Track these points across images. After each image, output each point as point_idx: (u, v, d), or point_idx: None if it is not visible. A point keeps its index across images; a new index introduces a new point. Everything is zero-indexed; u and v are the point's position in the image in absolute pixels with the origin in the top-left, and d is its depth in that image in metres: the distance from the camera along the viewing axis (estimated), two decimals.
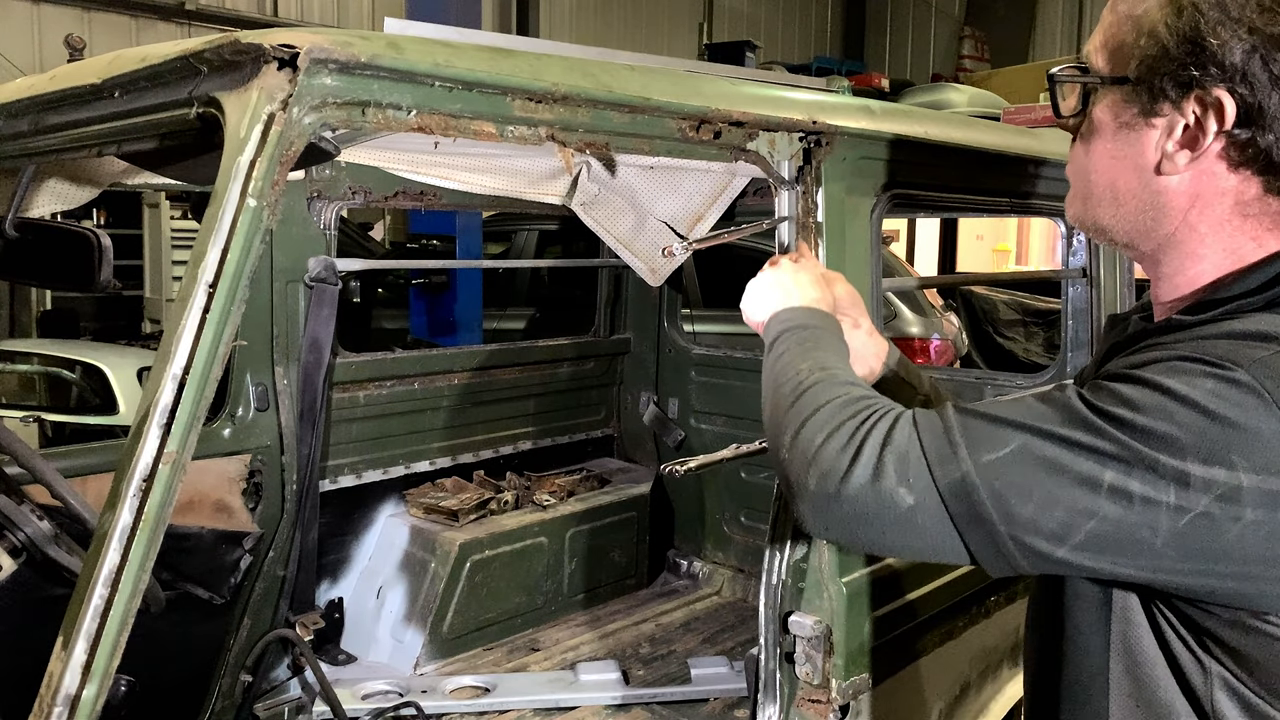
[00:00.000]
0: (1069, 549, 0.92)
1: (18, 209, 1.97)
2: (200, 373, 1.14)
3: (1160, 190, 1.02)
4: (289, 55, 1.19)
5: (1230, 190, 0.99)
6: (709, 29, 15.45)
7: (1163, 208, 1.02)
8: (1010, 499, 0.92)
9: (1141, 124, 1.01)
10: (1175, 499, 0.87)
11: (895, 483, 0.97)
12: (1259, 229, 1.00)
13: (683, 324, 4.24)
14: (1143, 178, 1.02)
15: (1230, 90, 0.94)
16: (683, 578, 4.05)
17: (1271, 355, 0.89)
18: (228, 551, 2.70)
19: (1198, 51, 0.95)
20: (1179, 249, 1.04)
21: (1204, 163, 0.98)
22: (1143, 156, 1.02)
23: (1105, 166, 1.06)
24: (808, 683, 1.77)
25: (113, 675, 1.12)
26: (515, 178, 2.77)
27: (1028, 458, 0.93)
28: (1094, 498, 0.89)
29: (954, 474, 0.95)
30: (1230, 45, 0.93)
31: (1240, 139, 0.96)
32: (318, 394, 2.99)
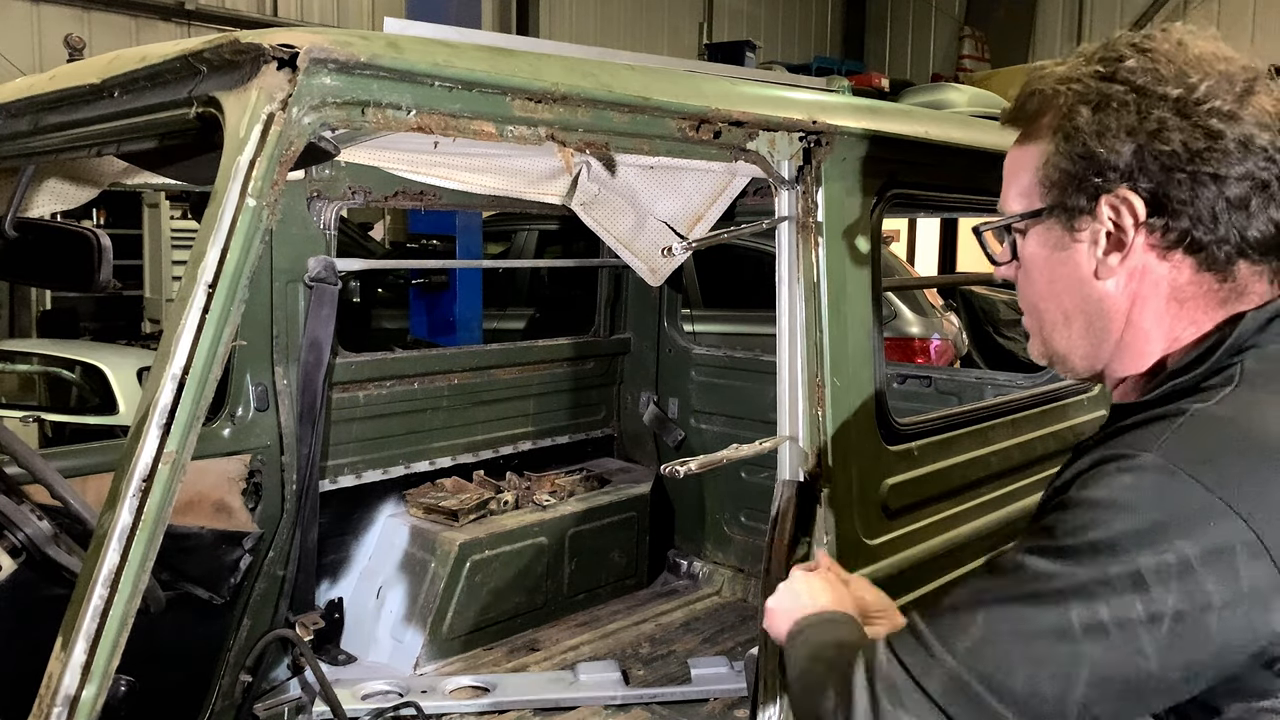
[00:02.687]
0: (1075, 706, 0.92)
1: (18, 209, 1.97)
2: (200, 373, 1.14)
3: (1101, 297, 1.08)
4: (288, 55, 1.19)
5: (1164, 279, 1.05)
6: (709, 29, 15.44)
7: (1107, 314, 1.08)
8: (1000, 678, 0.94)
9: (1069, 242, 1.08)
10: (1142, 609, 0.89)
11: (893, 712, 0.99)
12: (1195, 312, 1.05)
13: (683, 324, 4.24)
14: (1083, 290, 1.09)
15: (1132, 187, 1.02)
16: (683, 578, 4.05)
17: (1176, 429, 0.95)
18: (228, 551, 2.70)
19: (1093, 163, 1.03)
20: (1128, 350, 1.09)
21: (1135, 258, 1.05)
22: (1079, 270, 1.08)
23: (1049, 293, 1.13)
24: None
25: (112, 675, 1.12)
26: (515, 178, 2.77)
27: (998, 631, 0.95)
28: (1073, 645, 0.91)
29: (941, 678, 0.97)
30: (1117, 149, 1.02)
31: (1158, 226, 1.02)
32: (318, 394, 2.99)
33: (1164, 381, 1.04)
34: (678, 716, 3.03)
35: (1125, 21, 14.04)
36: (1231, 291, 1.05)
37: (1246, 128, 1.00)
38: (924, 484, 2.07)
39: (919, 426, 2.09)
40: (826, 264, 1.79)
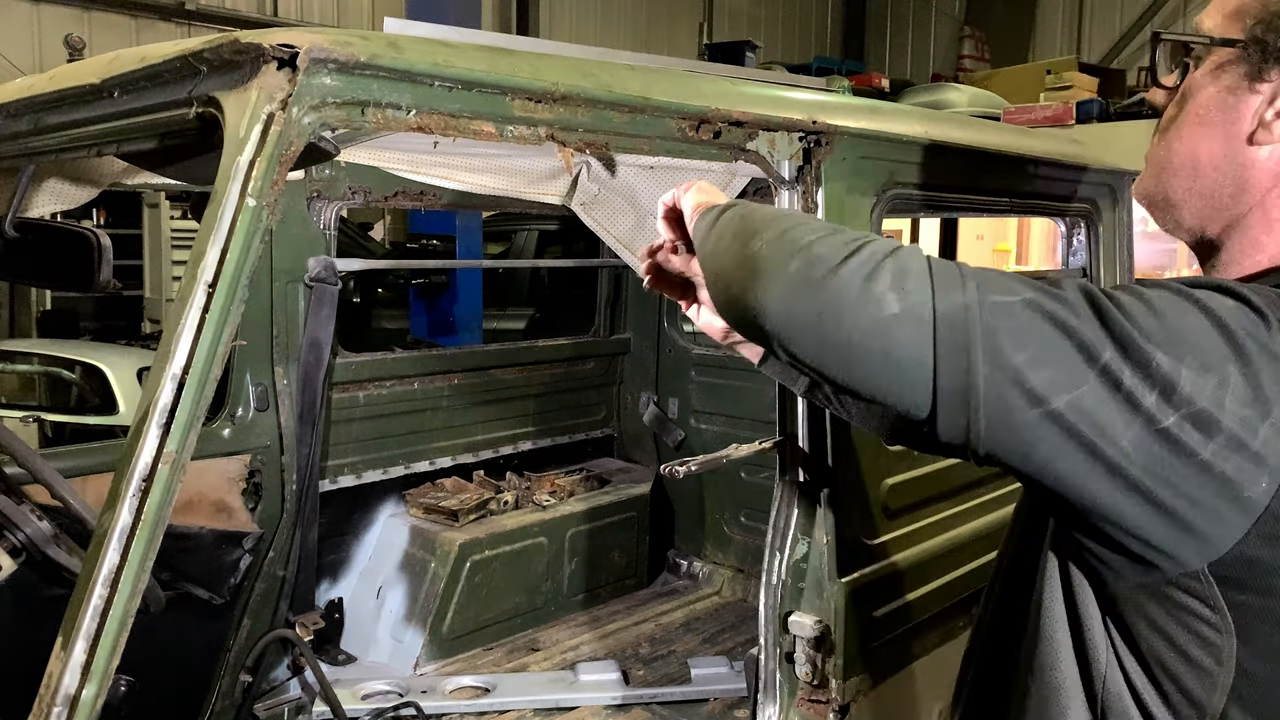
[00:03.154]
0: (1040, 413, 0.86)
1: (18, 209, 1.97)
2: (200, 373, 1.14)
3: (1246, 163, 0.98)
4: (288, 55, 1.19)
5: None
6: (709, 29, 15.44)
7: (1244, 182, 0.98)
8: (1005, 340, 0.87)
9: (1244, 89, 0.97)
10: (1154, 404, 0.84)
11: (888, 287, 0.90)
12: None
13: (683, 324, 4.24)
14: (1230, 147, 0.98)
15: None
16: (683, 578, 4.05)
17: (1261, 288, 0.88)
18: (228, 551, 2.70)
19: None
20: (1245, 234, 1.00)
21: None
22: (1237, 124, 0.98)
23: (1191, 134, 1.01)
24: (807, 683, 1.77)
25: (112, 675, 1.12)
26: (515, 178, 2.77)
27: (1035, 309, 0.87)
28: (1087, 368, 0.85)
29: (955, 300, 0.89)
30: None
31: None
32: (318, 394, 2.99)
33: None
34: (678, 716, 3.03)
35: (1125, 22, 14.04)
36: None
37: None
38: (924, 484, 2.07)
39: None
40: None
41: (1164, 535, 0.86)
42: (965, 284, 0.90)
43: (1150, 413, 0.83)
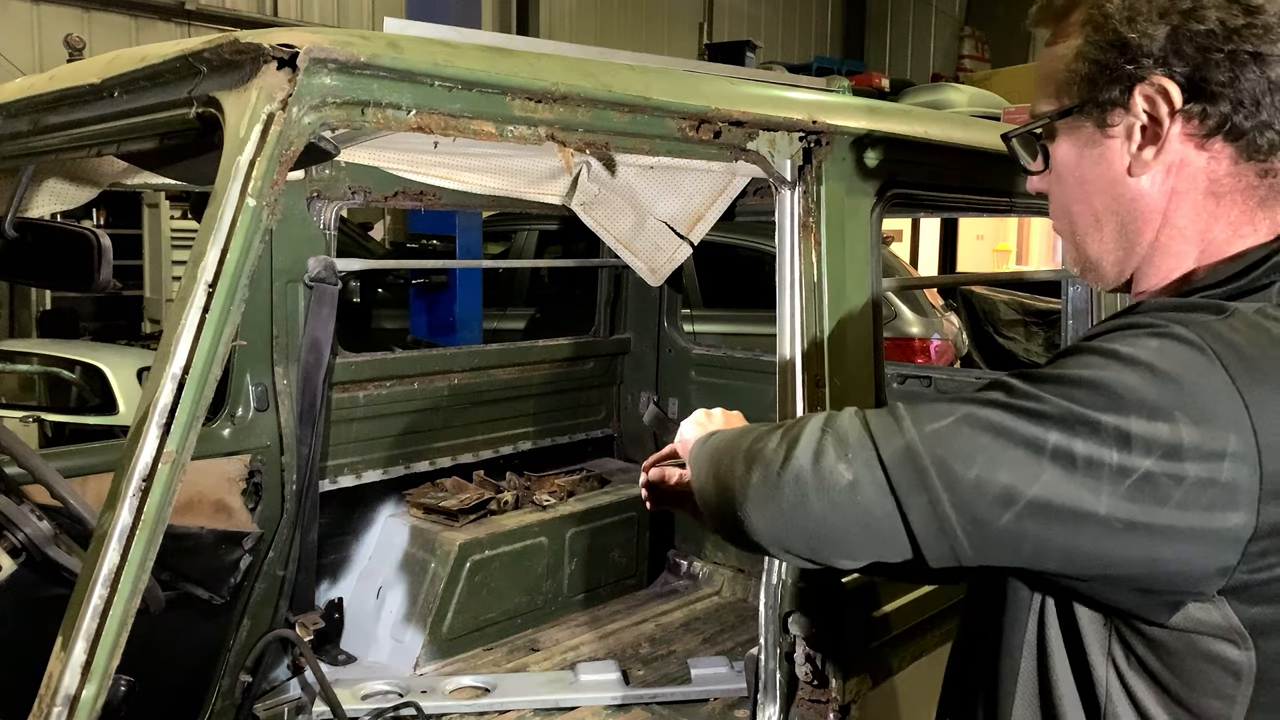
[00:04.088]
0: (1012, 516, 0.89)
1: (18, 209, 1.97)
2: (200, 373, 1.14)
3: (1135, 196, 1.02)
4: (288, 55, 1.19)
5: (1202, 171, 0.99)
6: (709, 29, 15.44)
7: (1141, 214, 1.03)
8: (954, 463, 0.91)
9: (1101, 139, 1.03)
10: (1118, 459, 0.86)
11: (835, 460, 0.96)
12: (1232, 210, 1.00)
13: (683, 324, 4.24)
14: (1115, 190, 1.03)
15: (1167, 73, 0.97)
16: (683, 578, 4.05)
17: (1218, 321, 0.90)
18: (228, 551, 2.70)
19: (1125, 50, 0.98)
20: (1161, 253, 1.04)
21: (1171, 150, 0.99)
22: (1112, 169, 1.03)
23: (1080, 195, 1.07)
24: (807, 683, 1.77)
25: (112, 675, 1.12)
26: (515, 178, 2.77)
27: (971, 423, 0.92)
28: (1037, 460, 0.88)
29: (897, 443, 0.94)
30: (1150, 34, 0.96)
31: (1195, 113, 0.97)
32: (318, 394, 2.99)
33: (1194, 293, 0.99)
34: (678, 716, 3.03)
35: None
36: (1270, 190, 1.00)
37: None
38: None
39: None
40: (826, 264, 1.79)
41: (1167, 573, 0.89)
42: (901, 425, 0.96)
43: (1115, 470, 0.86)
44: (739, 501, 1.04)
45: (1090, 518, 0.87)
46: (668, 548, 4.12)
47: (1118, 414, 0.86)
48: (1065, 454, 0.87)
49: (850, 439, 0.97)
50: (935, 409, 0.96)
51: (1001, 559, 0.94)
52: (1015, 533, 0.90)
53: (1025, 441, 0.89)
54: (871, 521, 0.95)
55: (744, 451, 1.07)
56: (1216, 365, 0.87)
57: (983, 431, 0.91)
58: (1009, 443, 0.89)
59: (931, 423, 0.94)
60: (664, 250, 3.31)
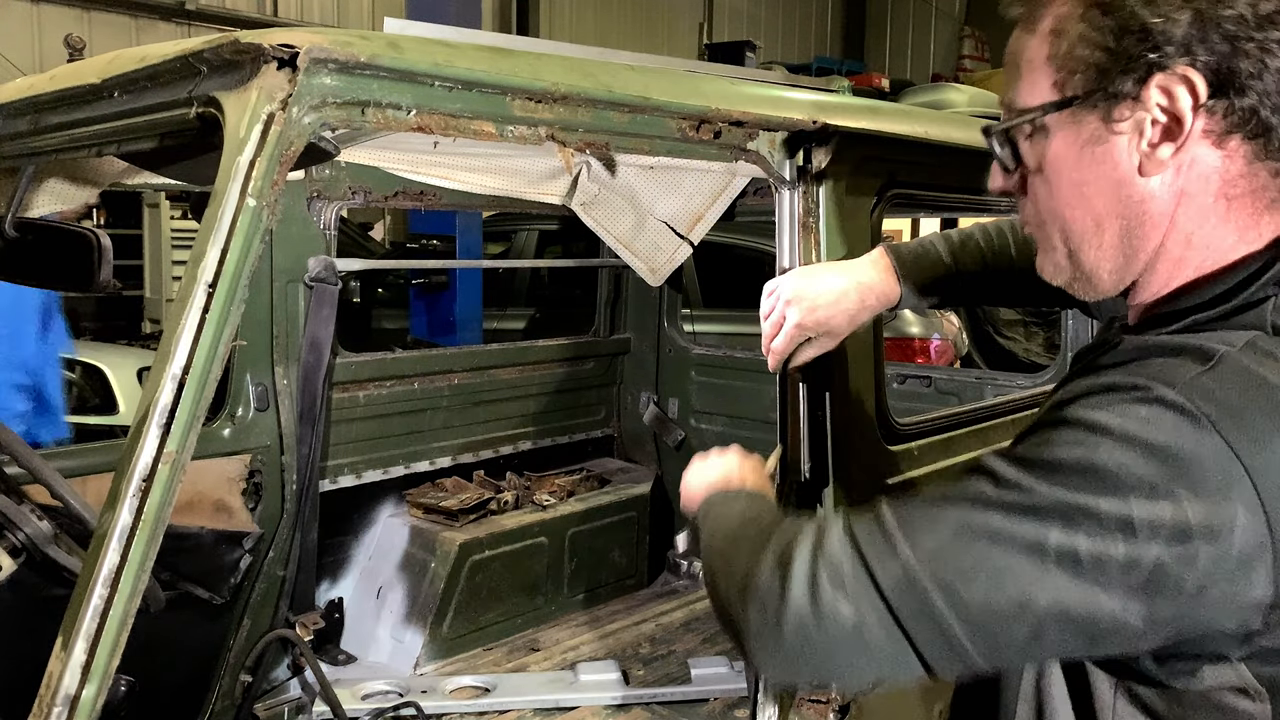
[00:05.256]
0: (1026, 630, 0.85)
1: (18, 209, 1.96)
2: (200, 373, 1.14)
3: (1144, 198, 0.93)
4: (288, 55, 1.19)
5: (1215, 171, 0.91)
6: (709, 29, 15.45)
7: (1148, 217, 0.94)
8: (956, 584, 0.86)
9: (1106, 135, 0.93)
10: (1124, 551, 0.81)
11: (833, 595, 0.91)
12: (1242, 213, 0.93)
13: (683, 324, 4.24)
14: (1122, 191, 0.94)
15: (1192, 63, 0.88)
16: (683, 578, 4.05)
17: (1203, 374, 0.85)
18: (228, 551, 2.70)
19: (1144, 37, 0.88)
20: (1165, 259, 0.96)
21: (1189, 149, 0.91)
22: (1117, 169, 0.93)
23: (1077, 198, 0.96)
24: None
25: (113, 675, 1.12)
26: (515, 178, 2.77)
27: (966, 534, 0.86)
28: (1042, 566, 0.83)
29: (894, 570, 0.89)
30: (1174, 18, 0.87)
31: (1219, 108, 0.89)
32: (318, 394, 2.99)
33: (1186, 313, 0.93)
34: (678, 716, 3.03)
35: None
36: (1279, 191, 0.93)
37: None
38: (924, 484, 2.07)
39: (919, 426, 2.09)
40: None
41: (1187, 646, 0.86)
42: (893, 544, 0.90)
43: (1123, 564, 0.82)
44: (742, 637, 1.00)
45: (1107, 618, 0.83)
46: (668, 548, 4.11)
47: (1116, 497, 0.81)
48: (1069, 554, 0.82)
49: (844, 568, 0.91)
50: (925, 515, 0.90)
51: (1019, 662, 0.91)
52: (1031, 642, 0.86)
53: (1026, 547, 0.84)
54: (879, 654, 0.91)
55: (739, 578, 1.01)
56: (1210, 431, 0.82)
57: (979, 540, 0.86)
58: (1009, 550, 0.84)
59: (925, 536, 0.89)
60: (664, 250, 3.31)
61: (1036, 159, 0.99)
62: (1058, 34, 0.95)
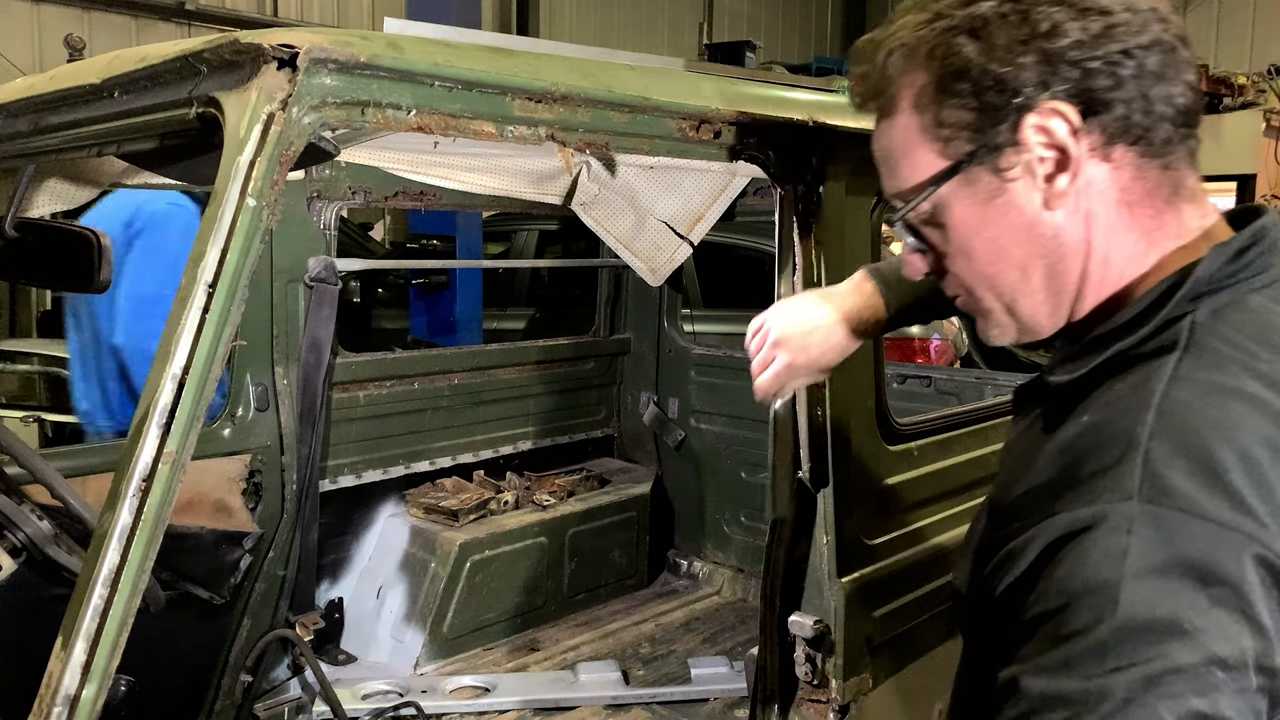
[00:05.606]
0: None
1: (18, 209, 1.97)
2: (200, 373, 1.14)
3: (1057, 232, 0.96)
4: (288, 55, 1.19)
5: (1110, 185, 0.94)
6: (709, 29, 15.44)
7: (1066, 248, 0.96)
8: None
9: (1002, 186, 0.96)
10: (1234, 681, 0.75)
11: None
12: (1145, 216, 0.95)
13: (683, 324, 4.24)
14: (1035, 232, 0.96)
15: (1054, 95, 0.92)
16: (683, 578, 4.05)
17: (1145, 459, 0.82)
18: (228, 551, 2.70)
19: (1001, 87, 0.92)
20: (1090, 282, 0.98)
21: (1082, 173, 0.94)
22: (1024, 213, 0.96)
23: (996, 254, 0.99)
24: (807, 683, 1.77)
25: (112, 675, 1.12)
26: (515, 178, 2.77)
27: None
28: None
29: None
30: (1020, 63, 0.92)
31: (1094, 127, 0.92)
32: (318, 394, 2.99)
33: (1110, 340, 0.94)
34: (678, 716, 3.03)
35: None
36: (1173, 185, 0.95)
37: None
38: (924, 484, 2.07)
39: (919, 426, 2.09)
40: (826, 264, 1.79)
41: None
42: None
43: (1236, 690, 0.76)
44: None
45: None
46: (668, 548, 4.12)
47: (1180, 640, 0.76)
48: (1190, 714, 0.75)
49: None
50: None
51: None
52: None
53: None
54: None
55: None
56: (1192, 520, 0.79)
57: None
58: None
59: None
60: (664, 250, 3.32)
61: (944, 233, 1.01)
62: (921, 109, 0.98)
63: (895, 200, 1.04)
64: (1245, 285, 0.92)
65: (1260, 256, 0.94)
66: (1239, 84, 7.18)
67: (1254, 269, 0.93)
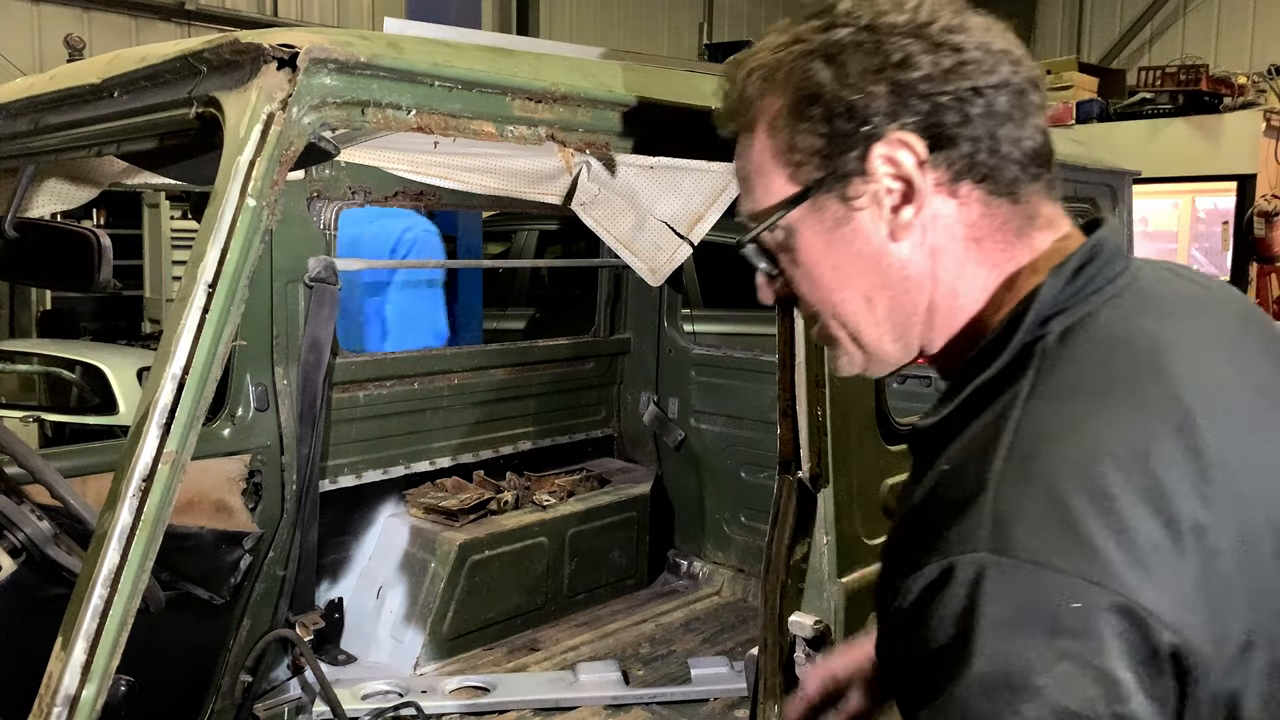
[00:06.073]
0: None
1: (18, 209, 1.97)
2: (200, 373, 1.14)
3: (903, 264, 0.95)
4: (288, 55, 1.19)
5: (956, 219, 0.94)
6: (709, 29, 15.43)
7: (910, 280, 0.96)
8: None
9: (848, 215, 0.95)
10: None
11: None
12: (994, 250, 0.95)
13: (683, 324, 4.24)
14: (881, 263, 0.96)
15: (903, 127, 0.91)
16: (683, 578, 4.05)
17: (993, 501, 0.80)
18: (228, 551, 2.70)
19: (851, 115, 0.92)
20: (938, 315, 0.97)
21: (928, 206, 0.93)
22: (870, 243, 0.95)
23: (840, 281, 0.98)
24: None
25: (112, 675, 1.12)
26: (515, 178, 2.77)
27: None
28: None
29: None
30: (872, 92, 0.91)
31: (941, 161, 0.92)
32: (318, 394, 2.99)
33: (969, 374, 0.92)
34: (678, 716, 3.03)
35: (1125, 22, 14.04)
36: (1025, 217, 0.95)
37: (980, 35, 0.93)
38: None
39: None
40: None
41: None
42: None
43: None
44: None
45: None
46: (668, 548, 4.12)
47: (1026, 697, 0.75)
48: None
49: None
50: None
51: None
52: None
53: None
54: None
55: None
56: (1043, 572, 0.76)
57: None
58: None
59: None
60: (664, 250, 3.31)
61: (792, 257, 1.00)
62: (774, 132, 0.97)
63: (749, 222, 1.03)
64: (1092, 301, 0.91)
65: (1104, 269, 0.92)
66: (1239, 84, 7.18)
67: (1098, 282, 0.92)
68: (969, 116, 0.91)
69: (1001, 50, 0.93)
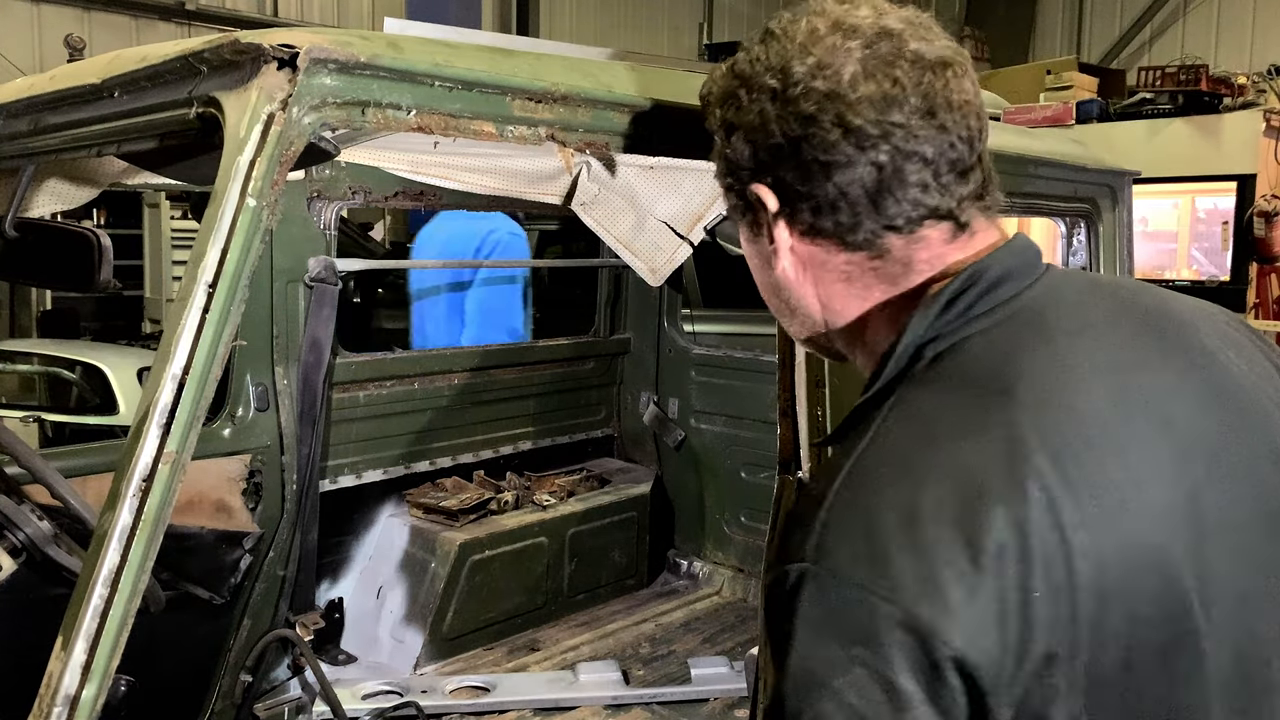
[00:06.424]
0: None
1: (18, 209, 1.97)
2: (200, 373, 1.14)
3: (785, 284, 1.05)
4: (288, 55, 1.19)
5: (824, 260, 1.02)
6: (709, 29, 15.43)
7: (798, 296, 1.06)
8: None
9: (750, 233, 1.09)
10: None
11: None
12: (866, 290, 1.02)
13: (683, 324, 4.24)
14: (771, 276, 1.07)
15: (762, 181, 1.01)
16: (683, 578, 4.05)
17: (830, 511, 0.86)
18: (228, 551, 2.70)
19: (731, 164, 1.04)
20: (836, 330, 1.06)
21: (797, 247, 1.02)
22: (764, 259, 1.07)
23: (757, 272, 1.11)
24: None
25: (112, 675, 1.12)
26: (515, 178, 2.77)
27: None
28: None
29: None
30: (738, 146, 1.02)
31: (786, 214, 1.01)
32: (318, 394, 2.99)
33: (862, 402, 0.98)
34: (678, 716, 3.03)
35: (1125, 22, 14.03)
36: (897, 265, 0.99)
37: (850, 109, 0.94)
38: None
39: None
40: None
41: None
42: None
43: None
44: None
45: None
46: (668, 548, 4.12)
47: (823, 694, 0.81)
48: None
49: None
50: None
51: None
52: None
53: None
54: None
55: None
56: (851, 589, 0.82)
57: None
58: None
59: None
60: (664, 250, 3.31)
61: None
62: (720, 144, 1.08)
63: None
64: (966, 329, 0.94)
65: (982, 296, 0.95)
66: (1239, 84, 7.18)
67: (972, 312, 0.95)
68: (812, 184, 0.98)
69: (870, 125, 0.94)
